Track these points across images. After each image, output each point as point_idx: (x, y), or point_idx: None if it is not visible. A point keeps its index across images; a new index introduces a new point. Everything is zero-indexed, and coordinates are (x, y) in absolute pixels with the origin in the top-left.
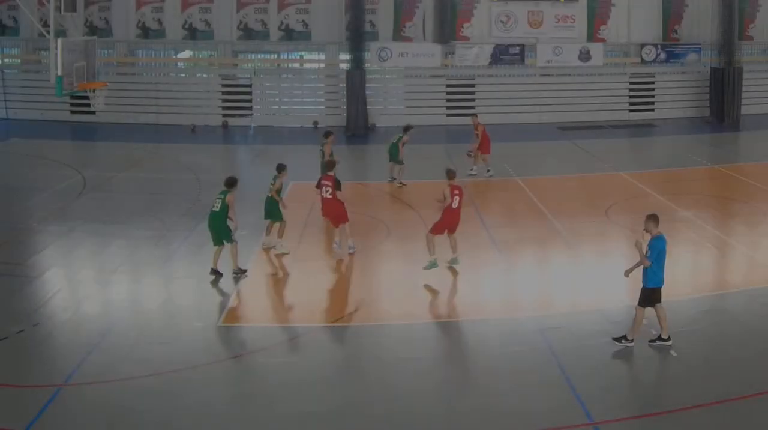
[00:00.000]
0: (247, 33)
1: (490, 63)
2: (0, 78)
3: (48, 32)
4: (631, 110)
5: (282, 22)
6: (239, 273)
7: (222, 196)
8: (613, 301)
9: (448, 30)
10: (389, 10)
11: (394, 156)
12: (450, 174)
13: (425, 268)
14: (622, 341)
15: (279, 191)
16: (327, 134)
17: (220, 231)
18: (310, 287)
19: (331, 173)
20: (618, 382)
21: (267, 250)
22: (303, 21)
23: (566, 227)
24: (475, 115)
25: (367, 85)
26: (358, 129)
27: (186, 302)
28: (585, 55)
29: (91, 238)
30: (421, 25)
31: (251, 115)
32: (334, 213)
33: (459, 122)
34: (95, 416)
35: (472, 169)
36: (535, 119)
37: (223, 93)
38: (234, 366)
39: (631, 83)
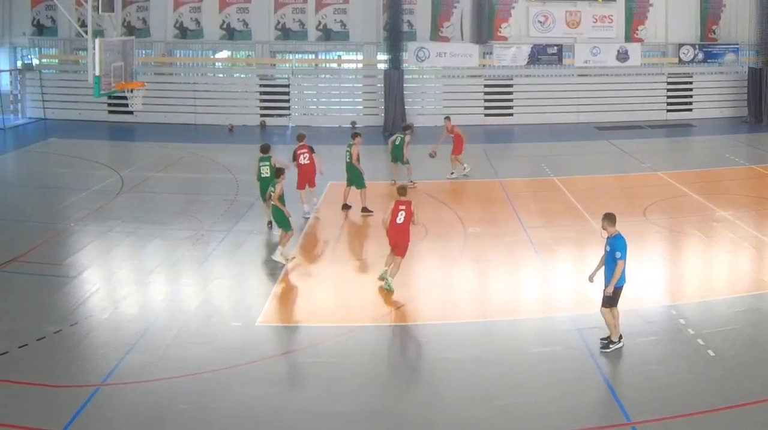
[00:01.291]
0: (285, 33)
1: (528, 63)
2: (38, 78)
3: (86, 32)
4: (668, 110)
5: (320, 22)
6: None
7: (267, 163)
8: (649, 301)
9: (485, 30)
10: (427, 10)
11: (398, 158)
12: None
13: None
14: (610, 346)
15: (280, 197)
16: (354, 136)
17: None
18: (347, 287)
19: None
20: (655, 382)
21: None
22: (341, 21)
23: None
24: (448, 118)
25: (404, 85)
26: (395, 129)
27: (224, 302)
28: (623, 55)
29: (128, 238)
30: (459, 25)
31: (289, 115)
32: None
33: (497, 122)
34: (133, 416)
35: (452, 173)
36: (572, 119)
37: (261, 93)
38: (271, 366)
39: (669, 83)
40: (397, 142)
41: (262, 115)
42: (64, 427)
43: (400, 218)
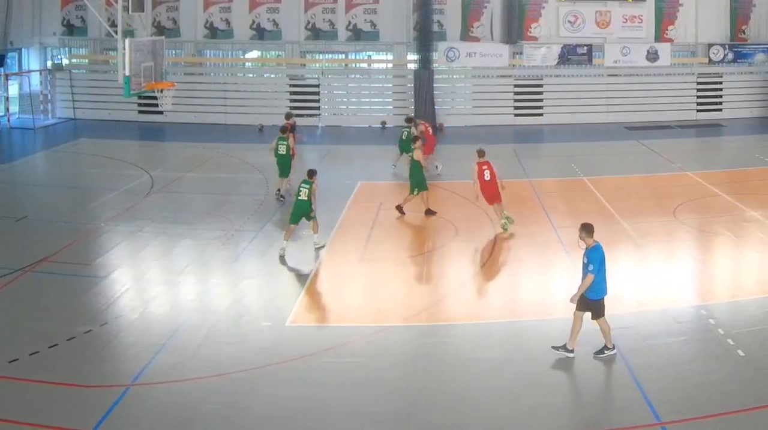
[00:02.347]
0: (315, 33)
1: (558, 63)
2: (68, 78)
3: (116, 32)
4: (698, 110)
5: (350, 22)
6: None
7: (308, 186)
8: (680, 301)
9: (516, 30)
10: (457, 10)
11: (407, 150)
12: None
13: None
14: (604, 352)
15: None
16: (415, 139)
17: (307, 214)
18: (377, 287)
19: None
20: (685, 382)
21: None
22: (371, 21)
23: (633, 226)
24: (420, 122)
25: (434, 85)
26: None
27: (253, 302)
28: (653, 55)
29: (158, 238)
30: (489, 25)
31: (319, 115)
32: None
33: (527, 122)
34: (162, 416)
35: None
36: (602, 119)
37: (291, 93)
38: (301, 366)
39: (699, 83)
40: (404, 137)
41: (292, 116)
42: (93, 427)
43: (487, 175)
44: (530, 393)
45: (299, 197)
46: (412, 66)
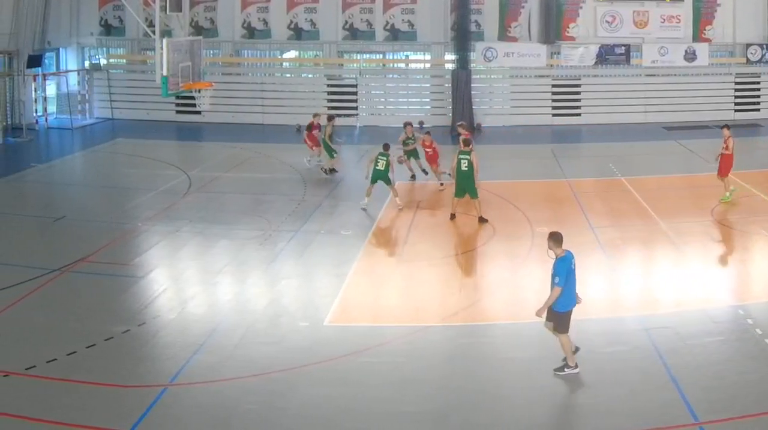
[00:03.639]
0: (353, 33)
1: (596, 63)
2: (105, 78)
3: (153, 32)
4: (736, 110)
5: (387, 22)
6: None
7: (384, 158)
8: (717, 301)
9: (553, 30)
10: (495, 10)
11: (411, 155)
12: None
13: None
14: (564, 369)
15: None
16: (467, 143)
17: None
18: (415, 286)
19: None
20: (723, 382)
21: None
22: (408, 21)
23: (671, 226)
24: (428, 132)
25: (472, 85)
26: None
27: (291, 302)
28: (690, 55)
29: (196, 238)
30: (527, 25)
31: (357, 115)
32: None
33: (564, 122)
34: (200, 416)
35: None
36: (640, 119)
37: (329, 93)
38: (339, 366)
39: (737, 83)
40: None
41: (329, 115)
42: (131, 427)
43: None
44: (567, 393)
45: (377, 167)
46: (449, 66)
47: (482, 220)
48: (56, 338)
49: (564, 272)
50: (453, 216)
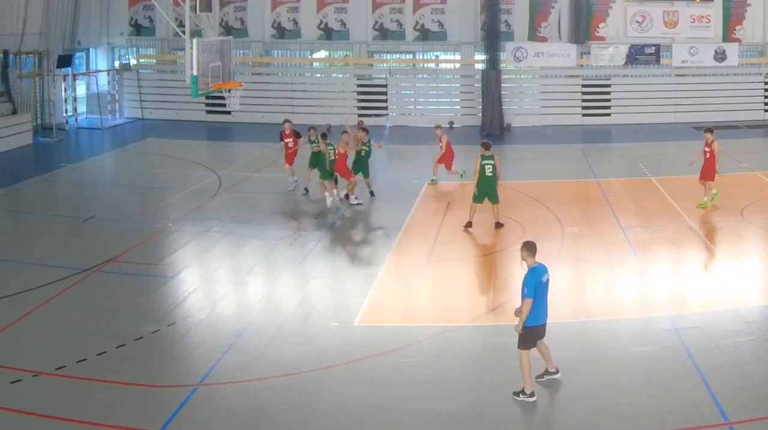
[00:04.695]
0: (383, 33)
1: (626, 63)
2: (135, 78)
3: (183, 32)
4: (766, 110)
5: (417, 22)
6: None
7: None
8: (747, 300)
9: (583, 30)
10: (524, 9)
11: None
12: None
13: None
14: (520, 396)
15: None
16: (488, 146)
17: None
18: (445, 287)
19: None
20: (753, 382)
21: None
22: (438, 21)
23: (701, 226)
24: (438, 126)
25: (502, 85)
26: (493, 129)
27: (321, 302)
28: (720, 55)
29: (226, 238)
30: (557, 25)
31: (386, 115)
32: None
33: (594, 122)
34: (230, 416)
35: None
36: (670, 119)
37: (359, 93)
38: (369, 366)
39: (767, 83)
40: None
41: (360, 115)
42: (161, 427)
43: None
44: (599, 393)
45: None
46: (479, 66)
47: (499, 225)
48: (86, 338)
49: (533, 284)
50: (470, 224)
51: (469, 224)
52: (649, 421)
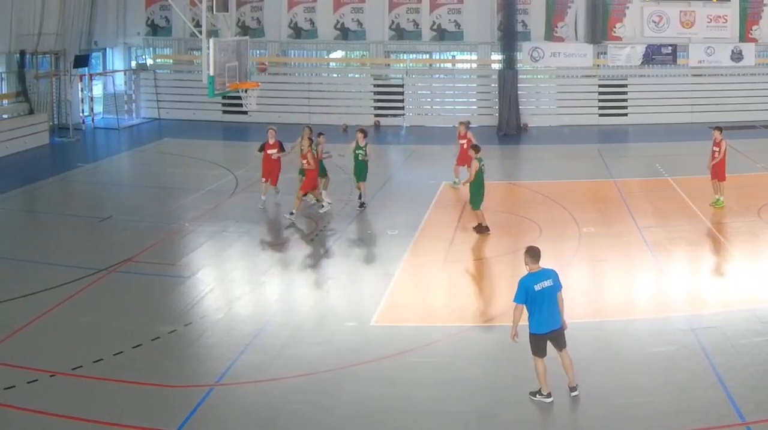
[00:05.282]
0: (399, 33)
1: (642, 63)
2: (152, 78)
3: (200, 32)
4: None
5: (434, 22)
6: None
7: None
8: (764, 300)
9: (600, 30)
10: (541, 9)
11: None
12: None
13: None
14: (537, 396)
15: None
16: (477, 149)
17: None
18: (461, 287)
19: None
20: None
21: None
22: (455, 21)
23: (718, 226)
24: (462, 123)
25: (519, 85)
26: (510, 129)
27: (338, 302)
28: (737, 55)
29: (242, 238)
30: (573, 25)
31: (403, 115)
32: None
33: (611, 122)
34: (246, 416)
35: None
36: (686, 119)
37: (375, 93)
38: (386, 366)
39: None
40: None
41: (377, 115)
42: (178, 427)
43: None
44: (616, 393)
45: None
46: (496, 66)
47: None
48: (103, 338)
49: (522, 289)
50: (486, 228)
51: (485, 229)
52: (666, 421)
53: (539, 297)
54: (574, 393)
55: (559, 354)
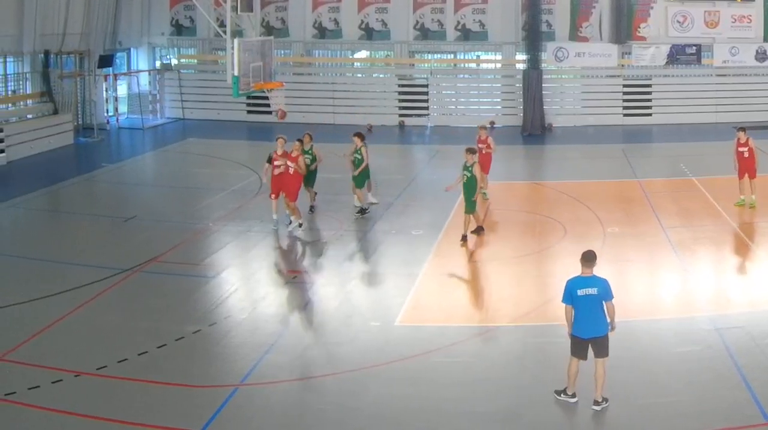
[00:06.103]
0: (424, 33)
1: (667, 63)
2: (176, 78)
3: (224, 32)
4: None
5: (458, 22)
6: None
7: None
8: None
9: (624, 30)
10: (566, 10)
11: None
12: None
13: None
14: (561, 395)
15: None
16: (473, 151)
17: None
18: (485, 287)
19: None
20: None
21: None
22: (479, 21)
23: (742, 226)
24: (485, 127)
25: (543, 85)
26: (534, 129)
27: (362, 302)
28: (761, 55)
29: (267, 238)
30: (598, 25)
31: (428, 115)
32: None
33: (635, 122)
34: (271, 416)
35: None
36: (711, 119)
37: (400, 93)
38: (410, 366)
39: None
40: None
41: (401, 115)
42: (202, 427)
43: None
44: (641, 393)
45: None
46: (520, 66)
47: (465, 238)
48: (127, 338)
49: (566, 291)
50: (482, 229)
51: (480, 229)
52: (690, 421)
53: (581, 302)
54: (595, 407)
55: (595, 361)
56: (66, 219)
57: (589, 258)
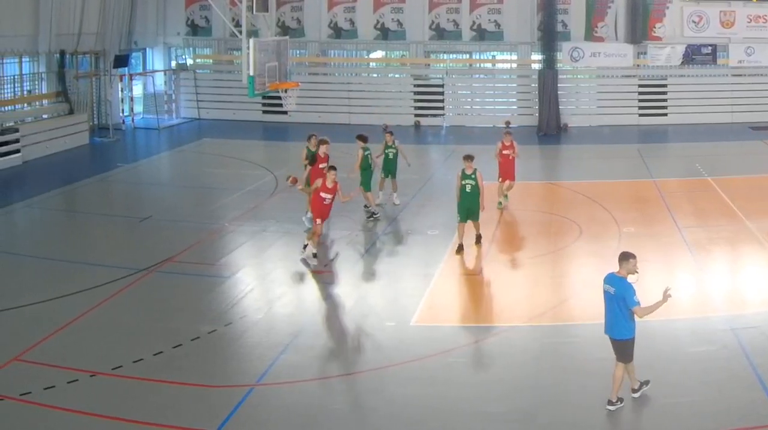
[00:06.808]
0: (439, 33)
1: (682, 63)
2: (192, 78)
3: (240, 32)
4: None
5: (474, 22)
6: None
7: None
8: None
9: (640, 30)
10: (581, 10)
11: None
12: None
13: None
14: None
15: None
16: (468, 158)
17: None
18: (501, 287)
19: None
20: None
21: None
22: (495, 21)
23: (758, 226)
24: (509, 132)
25: (559, 85)
26: (550, 129)
27: (378, 302)
28: None
29: (283, 238)
30: (613, 25)
31: (443, 115)
32: None
33: (651, 122)
34: (287, 416)
35: (500, 203)
36: (726, 119)
37: (415, 93)
38: (426, 366)
39: None
40: (390, 156)
41: (417, 115)
42: (218, 427)
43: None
44: (656, 393)
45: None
46: (536, 66)
47: (479, 239)
48: (143, 338)
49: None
50: (461, 248)
51: (459, 248)
52: (705, 420)
53: (604, 298)
54: (609, 407)
55: (615, 363)
56: (81, 219)
57: (619, 257)
